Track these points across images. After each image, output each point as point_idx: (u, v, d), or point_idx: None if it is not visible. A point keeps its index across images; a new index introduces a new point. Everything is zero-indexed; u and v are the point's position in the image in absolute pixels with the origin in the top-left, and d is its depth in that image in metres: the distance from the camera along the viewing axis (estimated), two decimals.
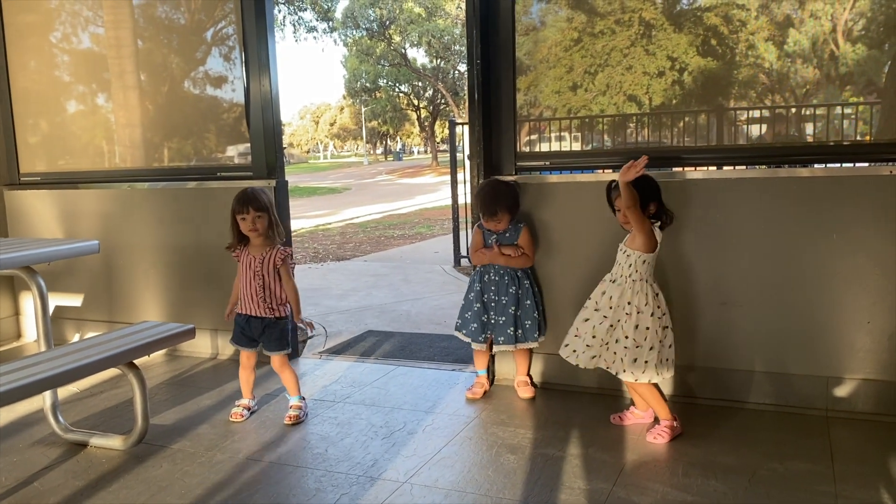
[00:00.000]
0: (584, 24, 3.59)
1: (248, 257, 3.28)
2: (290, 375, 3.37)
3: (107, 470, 2.86)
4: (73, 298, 4.77)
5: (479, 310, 3.47)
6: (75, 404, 3.61)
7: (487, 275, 3.47)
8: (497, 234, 3.45)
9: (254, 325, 3.30)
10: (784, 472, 2.63)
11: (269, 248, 3.28)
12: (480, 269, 3.50)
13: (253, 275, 3.26)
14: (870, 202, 3.02)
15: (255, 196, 3.23)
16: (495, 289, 3.44)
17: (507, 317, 3.41)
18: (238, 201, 3.23)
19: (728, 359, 3.30)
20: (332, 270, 8.31)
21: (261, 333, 3.31)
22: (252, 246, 3.29)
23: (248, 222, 3.21)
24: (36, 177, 4.92)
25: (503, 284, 3.43)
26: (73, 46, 4.83)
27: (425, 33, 33.29)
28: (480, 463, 2.81)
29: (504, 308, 3.42)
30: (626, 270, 3.00)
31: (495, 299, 3.44)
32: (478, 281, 3.49)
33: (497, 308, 3.44)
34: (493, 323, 3.46)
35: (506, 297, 3.42)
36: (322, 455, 2.93)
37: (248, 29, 4.06)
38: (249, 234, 3.25)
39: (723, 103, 3.42)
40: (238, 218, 3.23)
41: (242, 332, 3.34)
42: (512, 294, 3.41)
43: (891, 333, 3.03)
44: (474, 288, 3.50)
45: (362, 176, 37.40)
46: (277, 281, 3.30)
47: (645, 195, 2.94)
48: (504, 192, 3.41)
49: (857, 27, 3.14)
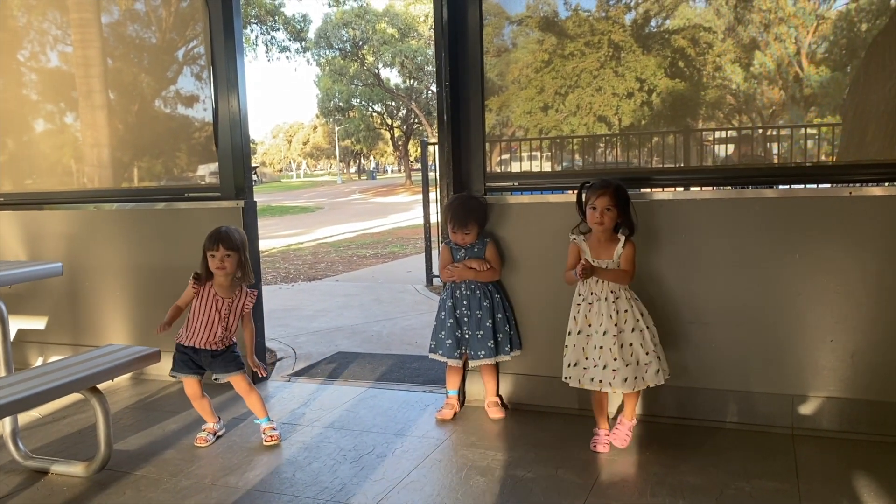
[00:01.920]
0: (554, 46, 3.64)
1: (212, 296, 3.22)
2: (255, 397, 3.32)
3: (68, 498, 2.79)
4: (36, 321, 4.68)
5: (453, 326, 3.45)
6: (36, 430, 3.53)
7: (459, 290, 3.46)
8: (465, 249, 3.46)
9: (203, 354, 3.25)
10: (751, 491, 2.65)
11: (237, 290, 3.25)
12: (451, 285, 3.49)
13: (218, 316, 3.21)
14: (832, 223, 3.08)
15: (228, 235, 3.18)
16: (468, 303, 3.43)
17: (484, 330, 3.41)
18: (209, 239, 3.19)
19: (695, 378, 3.32)
20: (302, 291, 8.25)
21: (210, 362, 3.26)
22: (217, 284, 3.23)
23: (216, 260, 3.17)
24: (0, 198, 4.84)
25: (475, 298, 3.43)
26: (40, 65, 4.78)
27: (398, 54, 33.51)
28: (450, 486, 2.79)
29: (480, 322, 3.41)
30: (613, 286, 3.03)
31: (468, 314, 3.43)
32: (449, 297, 3.47)
33: (471, 322, 3.43)
34: (469, 338, 3.44)
35: (480, 311, 3.42)
36: (290, 480, 2.89)
37: (216, 48, 4.05)
38: (216, 272, 3.20)
39: (691, 124, 3.47)
40: (207, 254, 3.19)
41: (190, 360, 3.25)
42: (486, 307, 3.41)
43: (853, 351, 3.08)
44: (446, 305, 3.48)
45: (335, 195, 37.33)
46: (237, 324, 3.30)
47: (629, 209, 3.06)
48: (475, 206, 3.46)
49: (821, 50, 3.21)
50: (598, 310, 3.03)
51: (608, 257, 3.04)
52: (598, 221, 3.02)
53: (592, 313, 3.05)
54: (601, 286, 3.04)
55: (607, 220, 3.01)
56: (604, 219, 3.01)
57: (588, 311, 3.06)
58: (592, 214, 3.03)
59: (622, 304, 3.02)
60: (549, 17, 3.65)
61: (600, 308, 3.03)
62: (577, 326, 3.09)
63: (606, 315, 3.00)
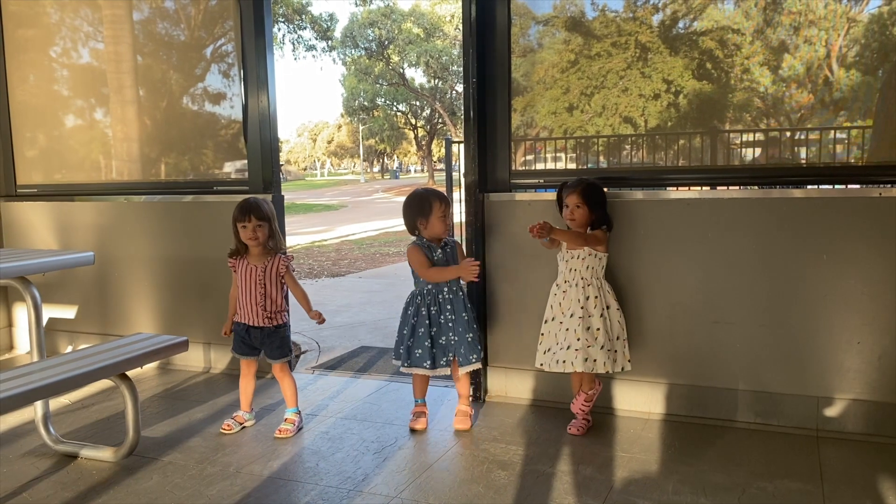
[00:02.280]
0: (580, 47, 3.64)
1: (247, 267, 3.30)
2: (290, 384, 3.39)
3: (97, 482, 2.85)
4: (66, 310, 4.77)
5: (436, 334, 3.28)
6: (67, 416, 3.61)
7: (441, 294, 3.30)
8: (440, 248, 3.30)
9: (254, 334, 3.33)
10: (774, 492, 2.64)
11: (269, 257, 3.30)
12: (432, 290, 3.30)
13: (254, 284, 3.28)
14: (860, 223, 3.06)
15: (258, 205, 3.26)
16: (452, 307, 3.29)
17: (472, 333, 3.29)
18: (240, 210, 3.25)
19: (719, 377, 3.31)
20: (326, 286, 8.31)
21: (261, 342, 3.33)
22: (251, 255, 3.31)
23: (248, 231, 3.23)
24: (32, 188, 4.94)
25: (459, 301, 3.30)
26: (72, 61, 4.87)
27: (423, 53, 33.54)
28: (471, 478, 2.81)
29: (468, 324, 3.28)
30: (585, 273, 3.19)
31: (453, 318, 3.28)
32: (432, 304, 3.29)
33: (458, 326, 3.27)
34: (456, 343, 3.28)
35: (465, 314, 3.29)
36: (313, 469, 2.93)
37: (247, 46, 4.10)
38: (249, 243, 3.27)
39: (718, 126, 3.46)
40: (238, 226, 3.26)
41: (243, 340, 3.36)
42: (470, 309, 3.32)
43: (881, 354, 3.05)
44: (423, 312, 3.28)
45: (359, 193, 37.47)
46: (279, 289, 3.33)
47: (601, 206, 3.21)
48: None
49: (851, 53, 3.19)
50: (570, 296, 3.20)
51: (580, 248, 3.21)
52: (570, 218, 3.21)
53: (566, 300, 3.21)
54: (573, 274, 3.21)
55: (578, 217, 3.18)
56: (574, 216, 3.19)
57: (563, 299, 3.23)
58: (565, 211, 3.23)
59: (591, 291, 3.19)
60: (575, 18, 3.65)
61: (570, 294, 3.20)
62: (552, 314, 3.28)
63: (576, 300, 3.18)
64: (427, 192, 3.36)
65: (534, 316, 3.61)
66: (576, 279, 3.21)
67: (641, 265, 3.34)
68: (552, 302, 3.30)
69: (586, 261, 3.20)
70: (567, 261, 3.25)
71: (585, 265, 3.20)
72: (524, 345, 3.65)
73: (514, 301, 3.66)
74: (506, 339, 3.70)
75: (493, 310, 3.70)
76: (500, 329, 3.71)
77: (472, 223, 3.67)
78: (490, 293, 3.70)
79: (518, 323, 3.66)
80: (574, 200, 3.18)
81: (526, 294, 3.62)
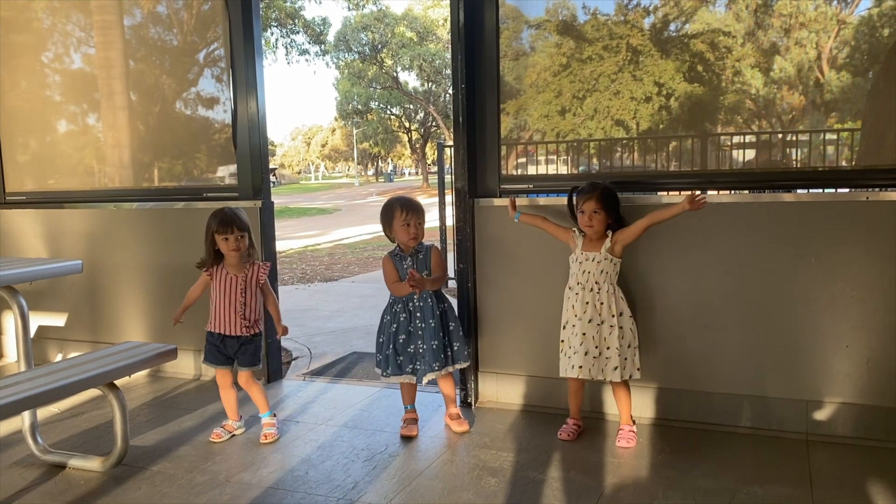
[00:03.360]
0: (572, 50, 3.64)
1: (226, 277, 3.29)
2: (258, 390, 3.38)
3: (85, 492, 2.83)
4: (56, 318, 4.75)
5: (405, 341, 3.30)
6: (55, 425, 3.59)
7: (411, 302, 3.30)
8: (410, 257, 3.32)
9: (229, 343, 3.31)
10: (763, 496, 2.64)
11: (247, 266, 3.30)
12: (402, 299, 3.31)
13: (235, 294, 3.27)
14: (848, 227, 3.06)
15: (238, 216, 3.26)
16: (421, 315, 3.29)
17: (437, 340, 3.27)
18: (221, 222, 3.23)
19: (708, 381, 3.31)
20: (319, 291, 8.30)
21: (236, 351, 3.32)
22: (228, 265, 3.30)
23: (230, 242, 3.22)
24: (21, 196, 4.92)
25: (428, 308, 3.28)
26: (64, 66, 4.85)
27: (417, 57, 33.56)
28: (461, 486, 2.80)
29: (434, 332, 3.27)
30: (599, 277, 3.14)
31: (422, 325, 3.28)
32: (402, 312, 3.30)
33: (426, 333, 3.27)
34: (423, 350, 3.28)
35: (433, 321, 3.27)
36: (303, 477, 2.91)
37: (235, 50, 4.09)
38: (230, 255, 3.26)
39: (709, 128, 3.46)
40: (219, 238, 3.24)
41: (218, 350, 3.33)
42: (438, 317, 3.30)
43: (869, 357, 3.06)
44: (398, 319, 3.31)
45: (353, 197, 37.45)
46: (258, 298, 3.33)
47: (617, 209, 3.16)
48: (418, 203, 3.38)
49: (842, 55, 3.19)
50: (583, 299, 3.16)
51: (597, 251, 3.16)
52: (588, 224, 3.15)
53: (580, 303, 3.17)
54: (586, 277, 3.16)
55: (596, 223, 3.14)
56: (592, 222, 3.14)
57: (575, 302, 3.19)
58: (582, 218, 3.16)
59: (602, 297, 3.14)
60: (567, 21, 3.65)
61: (584, 297, 3.16)
62: (567, 318, 3.23)
63: (591, 304, 3.14)
64: (393, 199, 3.36)
65: (525, 321, 3.61)
66: (589, 283, 3.15)
67: (631, 269, 3.34)
68: (566, 306, 3.24)
69: (601, 265, 3.13)
70: (581, 262, 3.18)
71: (600, 269, 3.14)
72: (515, 350, 3.65)
73: (504, 307, 3.66)
74: (496, 345, 3.70)
75: (484, 315, 3.69)
76: (491, 335, 3.70)
77: (461, 229, 3.67)
78: (480, 299, 3.69)
79: (509, 328, 3.66)
80: (591, 206, 3.11)
81: (516, 300, 3.62)
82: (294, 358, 4.93)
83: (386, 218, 3.33)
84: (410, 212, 3.27)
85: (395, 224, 3.29)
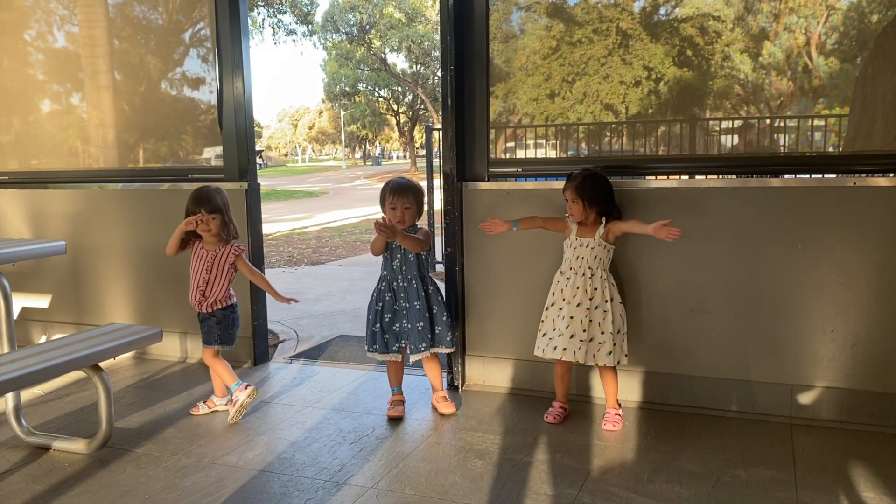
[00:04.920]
0: (562, 33, 3.62)
1: (200, 250, 3.35)
2: (221, 366, 3.37)
3: (69, 474, 2.82)
4: (40, 300, 4.70)
5: (390, 320, 3.34)
6: (39, 407, 3.56)
7: (395, 282, 3.34)
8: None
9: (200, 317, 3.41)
10: (747, 479, 2.66)
11: (222, 244, 3.32)
12: (387, 278, 3.37)
13: (201, 268, 3.33)
14: (835, 213, 3.07)
15: (210, 197, 3.28)
16: (405, 295, 3.32)
17: (423, 321, 3.30)
18: (193, 201, 3.28)
19: (695, 366, 3.33)
20: (305, 274, 8.27)
21: (198, 325, 3.40)
22: (206, 242, 3.35)
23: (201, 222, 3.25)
24: (4, 176, 4.85)
25: (413, 289, 3.31)
26: (47, 45, 4.78)
27: (405, 38, 33.35)
28: (447, 468, 2.81)
29: (419, 313, 3.30)
30: (592, 262, 3.15)
31: (406, 306, 3.32)
32: (387, 290, 3.35)
33: (410, 314, 3.31)
34: (408, 330, 3.32)
35: (418, 302, 3.30)
36: (289, 460, 2.91)
37: (221, 30, 4.04)
38: (202, 234, 3.30)
39: (698, 113, 3.46)
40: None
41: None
42: (423, 298, 3.32)
43: (854, 342, 3.08)
44: (384, 298, 3.35)
45: (340, 180, 37.29)
46: (224, 279, 3.35)
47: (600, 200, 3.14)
48: (415, 184, 3.39)
49: (830, 41, 3.19)
50: (575, 283, 3.17)
51: (591, 237, 3.17)
52: (570, 212, 3.21)
53: (570, 287, 3.18)
54: (580, 262, 3.18)
55: (575, 212, 3.17)
56: (572, 210, 3.18)
57: (565, 286, 3.20)
58: (567, 204, 3.21)
59: (595, 282, 3.15)
60: (557, 4, 3.63)
61: (575, 281, 3.16)
62: (553, 300, 3.25)
63: (582, 289, 3.15)
64: (389, 182, 3.40)
65: (512, 305, 3.61)
66: (582, 268, 3.16)
67: (618, 254, 3.34)
68: (554, 288, 3.26)
69: (595, 250, 3.15)
70: (575, 248, 3.20)
71: (594, 255, 3.15)
72: (502, 334, 3.65)
73: (491, 290, 3.66)
74: (483, 328, 3.70)
75: (471, 299, 3.69)
76: (478, 318, 3.70)
77: (450, 212, 3.65)
78: (468, 282, 3.69)
79: (496, 312, 3.66)
80: (570, 195, 3.15)
81: (504, 283, 3.62)
82: (281, 341, 4.92)
83: (381, 199, 3.39)
84: (397, 195, 3.29)
85: (385, 206, 3.34)
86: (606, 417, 3.19)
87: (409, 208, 3.30)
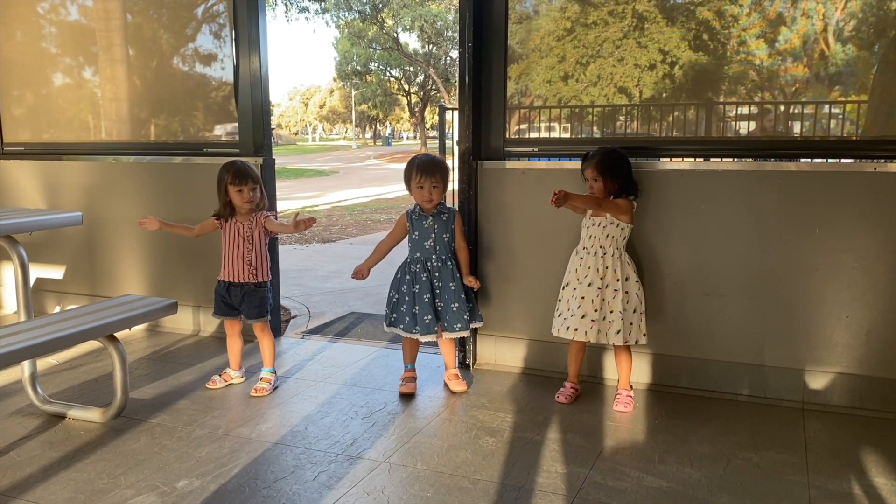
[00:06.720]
0: (577, 15, 3.59)
1: (234, 226, 3.34)
2: (268, 344, 3.44)
3: (84, 442, 2.85)
4: (54, 270, 4.74)
5: (429, 300, 3.31)
6: (54, 376, 3.59)
7: (429, 262, 3.34)
8: (431, 217, 3.34)
9: (234, 293, 3.36)
10: (759, 462, 2.66)
11: (251, 215, 3.35)
12: (420, 259, 3.35)
13: (243, 240, 3.33)
14: (853, 198, 3.05)
15: (250, 169, 3.32)
16: (439, 275, 3.33)
17: (459, 302, 3.31)
18: (235, 174, 3.27)
19: (708, 349, 3.32)
20: (316, 252, 8.29)
21: (241, 301, 3.36)
22: (239, 215, 3.35)
23: (245, 194, 3.28)
24: (20, 146, 4.87)
25: (447, 270, 3.32)
26: (60, 18, 4.76)
27: (418, 18, 33.08)
28: (459, 444, 2.82)
29: (455, 293, 3.31)
30: (604, 241, 3.15)
31: (440, 286, 3.33)
32: (422, 271, 3.33)
33: (445, 295, 3.32)
34: (444, 310, 3.33)
35: (453, 283, 3.32)
36: (302, 433, 2.93)
37: (239, 6, 4.02)
38: (244, 206, 3.31)
39: (712, 98, 3.43)
40: (234, 189, 3.28)
41: (223, 300, 3.39)
42: (458, 279, 3.33)
43: (868, 328, 3.07)
44: (419, 279, 3.33)
45: (350, 160, 37.22)
46: (264, 244, 3.38)
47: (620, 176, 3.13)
48: (441, 161, 3.39)
49: (848, 28, 3.15)
50: (587, 263, 3.18)
51: (602, 216, 3.17)
52: (591, 191, 3.19)
53: (583, 266, 3.19)
54: (592, 242, 3.18)
55: (596, 190, 3.15)
56: (593, 189, 3.16)
57: (579, 265, 3.21)
58: (587, 185, 3.20)
59: (608, 261, 3.15)
60: None
61: (588, 261, 3.17)
62: (567, 279, 3.26)
63: (594, 269, 3.15)
64: (415, 159, 3.38)
65: (525, 285, 3.61)
66: (594, 247, 3.17)
67: (637, 235, 3.33)
68: (570, 268, 3.27)
69: (607, 229, 3.15)
70: (588, 227, 3.21)
71: (606, 234, 3.15)
72: (514, 313, 3.66)
73: (504, 269, 3.66)
74: (496, 307, 3.70)
75: (484, 278, 3.69)
76: (491, 297, 3.70)
77: (464, 191, 3.64)
78: (481, 261, 3.69)
79: (509, 291, 3.66)
80: (591, 174, 3.15)
81: (517, 262, 3.62)
82: (293, 316, 4.94)
83: (406, 177, 3.39)
84: (424, 174, 3.28)
85: (412, 185, 3.33)
86: (618, 398, 3.20)
87: (437, 187, 3.31)
